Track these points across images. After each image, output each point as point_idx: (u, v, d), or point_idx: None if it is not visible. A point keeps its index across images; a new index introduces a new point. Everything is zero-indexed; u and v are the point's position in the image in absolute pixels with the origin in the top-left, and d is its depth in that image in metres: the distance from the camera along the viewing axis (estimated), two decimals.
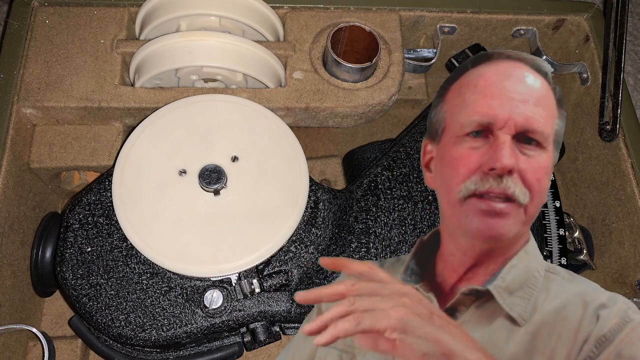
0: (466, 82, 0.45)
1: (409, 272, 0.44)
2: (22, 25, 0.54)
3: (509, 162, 0.41)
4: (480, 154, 0.42)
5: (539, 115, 0.42)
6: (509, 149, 0.41)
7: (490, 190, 0.41)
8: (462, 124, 0.43)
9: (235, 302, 0.44)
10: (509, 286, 0.40)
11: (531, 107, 0.42)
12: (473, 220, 0.42)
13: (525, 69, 0.45)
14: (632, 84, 0.80)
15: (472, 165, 0.42)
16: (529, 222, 0.42)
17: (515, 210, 0.41)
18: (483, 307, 0.40)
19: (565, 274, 0.42)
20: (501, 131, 0.42)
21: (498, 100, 0.43)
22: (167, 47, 0.51)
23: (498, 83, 0.44)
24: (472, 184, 0.42)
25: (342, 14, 0.58)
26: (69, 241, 0.46)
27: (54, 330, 0.55)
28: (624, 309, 0.38)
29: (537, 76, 0.44)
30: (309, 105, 0.53)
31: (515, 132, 0.42)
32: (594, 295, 0.40)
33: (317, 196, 0.49)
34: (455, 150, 0.43)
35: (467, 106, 0.44)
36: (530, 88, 0.43)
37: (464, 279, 0.42)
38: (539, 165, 0.42)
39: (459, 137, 0.43)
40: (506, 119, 0.42)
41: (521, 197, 0.41)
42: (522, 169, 0.41)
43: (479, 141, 0.42)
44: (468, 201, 0.42)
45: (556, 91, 0.45)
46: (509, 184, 0.41)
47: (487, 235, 0.41)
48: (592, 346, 0.37)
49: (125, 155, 0.47)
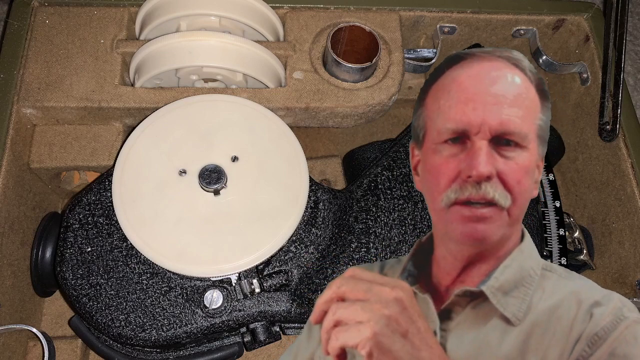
0: (442, 87, 0.45)
1: (406, 273, 0.44)
2: (22, 25, 0.54)
3: (485, 169, 0.41)
4: (458, 161, 0.42)
5: (514, 115, 0.42)
6: (485, 155, 0.41)
7: (470, 198, 0.41)
8: (439, 131, 0.43)
9: (235, 302, 0.44)
10: (503, 286, 0.40)
11: (506, 108, 0.42)
12: (457, 227, 0.42)
13: (500, 67, 0.44)
14: (632, 84, 0.80)
15: (451, 174, 0.42)
16: (515, 223, 0.42)
17: (497, 214, 0.41)
18: (478, 308, 0.40)
19: (562, 272, 0.42)
20: (477, 137, 0.41)
21: (471, 104, 0.42)
22: (167, 47, 0.51)
23: (471, 87, 0.43)
24: (452, 192, 0.42)
25: (342, 14, 0.58)
26: (69, 241, 0.46)
27: (54, 330, 0.55)
28: (619, 307, 0.38)
29: (514, 72, 0.44)
30: (309, 105, 0.53)
31: (491, 136, 0.41)
32: (589, 293, 0.40)
33: (317, 196, 0.49)
34: (435, 159, 0.43)
35: (442, 113, 0.44)
36: (505, 87, 0.43)
37: (458, 281, 0.42)
38: (519, 166, 0.42)
39: (437, 144, 0.43)
40: (480, 124, 0.41)
41: (502, 200, 0.41)
42: (501, 172, 0.41)
43: (457, 148, 0.42)
44: (451, 209, 0.42)
45: (538, 83, 0.44)
46: (488, 189, 0.41)
47: (471, 240, 0.42)
48: (584, 345, 0.37)
49: (125, 155, 0.47)
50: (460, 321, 0.40)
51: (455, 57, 0.46)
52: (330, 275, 0.47)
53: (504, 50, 0.46)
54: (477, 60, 0.45)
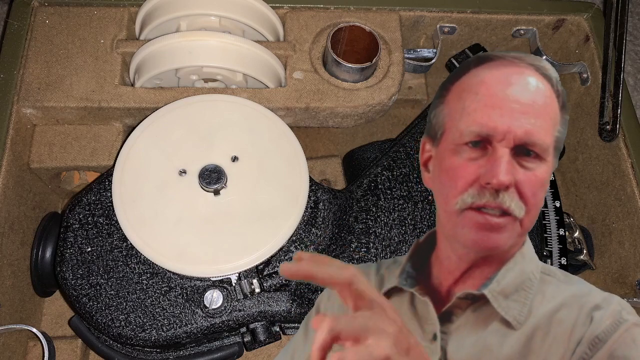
0: (467, 87, 0.44)
1: (405, 275, 0.43)
2: (22, 25, 0.54)
3: (505, 178, 0.40)
4: (477, 166, 0.41)
5: (539, 126, 0.41)
6: (507, 164, 0.40)
7: (486, 205, 0.41)
8: (461, 132, 0.43)
9: (235, 302, 0.44)
10: (504, 290, 0.40)
11: (532, 118, 0.41)
12: (469, 232, 0.41)
13: (529, 75, 0.43)
14: (632, 84, 0.80)
15: (469, 178, 0.41)
16: (525, 234, 0.42)
17: (511, 224, 0.41)
18: (479, 311, 0.40)
19: (561, 276, 0.42)
20: (500, 144, 0.41)
21: (498, 110, 0.41)
22: (167, 47, 0.51)
23: (499, 92, 0.42)
24: (469, 197, 0.41)
25: (342, 14, 0.58)
26: (69, 241, 0.46)
27: (54, 330, 0.55)
28: (618, 310, 0.38)
29: (541, 82, 0.43)
30: (309, 105, 0.53)
31: (514, 144, 0.41)
32: (589, 296, 0.40)
33: (317, 196, 0.49)
34: (454, 160, 0.43)
35: (467, 114, 0.43)
36: (532, 97, 0.42)
37: (460, 282, 0.42)
38: (537, 179, 0.41)
39: (458, 145, 0.43)
40: (505, 131, 0.41)
41: (517, 211, 0.41)
42: (519, 182, 0.41)
43: (477, 152, 0.42)
44: (465, 213, 0.41)
45: (560, 95, 0.44)
46: (505, 198, 0.41)
47: (482, 247, 0.41)
48: (585, 347, 0.37)
49: (125, 155, 0.47)
50: (460, 324, 0.40)
51: (483, 57, 0.45)
52: None
53: (534, 58, 0.45)
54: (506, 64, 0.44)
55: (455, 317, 0.40)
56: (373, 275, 0.45)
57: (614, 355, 0.36)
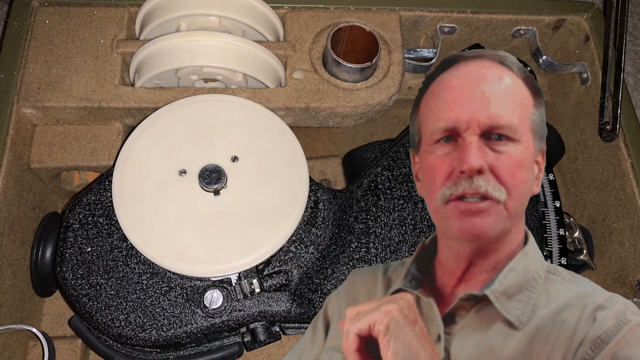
0: (432, 91, 0.46)
1: (410, 277, 0.44)
2: (22, 25, 0.54)
3: (476, 162, 0.41)
4: (450, 159, 0.43)
5: (503, 109, 0.43)
6: (475, 149, 0.42)
7: (464, 192, 0.42)
8: (431, 132, 0.45)
9: (235, 302, 0.44)
10: (507, 290, 0.40)
11: (494, 103, 0.43)
12: (454, 222, 0.42)
13: (486, 66, 0.45)
14: (632, 84, 0.80)
15: (445, 172, 0.43)
16: (514, 218, 0.42)
17: (494, 207, 0.42)
18: (482, 312, 0.40)
19: (566, 275, 0.42)
20: (466, 133, 0.42)
21: (459, 102, 0.43)
22: (167, 47, 0.51)
23: (458, 86, 0.44)
24: (447, 189, 0.43)
25: (342, 14, 0.58)
26: (69, 241, 0.46)
27: (54, 330, 0.54)
28: (622, 311, 0.38)
29: (500, 69, 0.45)
30: (309, 105, 0.53)
31: (481, 131, 0.42)
32: (593, 296, 0.39)
33: (317, 196, 0.49)
34: (430, 159, 0.45)
35: (433, 114, 0.45)
36: (492, 84, 0.44)
37: (462, 282, 0.42)
38: (512, 160, 0.42)
39: (431, 145, 0.45)
40: (468, 119, 0.42)
41: (496, 193, 0.41)
42: (493, 165, 0.42)
43: (449, 146, 0.43)
44: (447, 206, 0.43)
45: (528, 80, 0.45)
46: (480, 183, 0.41)
47: (469, 234, 0.42)
48: (587, 348, 0.37)
49: (125, 155, 0.47)
50: (464, 325, 0.40)
51: (444, 62, 0.48)
52: (330, 275, 0.47)
53: (491, 50, 0.47)
54: (464, 61, 0.46)
55: (459, 318, 0.40)
56: (380, 277, 0.45)
57: (617, 357, 0.36)
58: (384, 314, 0.39)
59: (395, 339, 0.38)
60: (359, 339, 0.40)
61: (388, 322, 0.39)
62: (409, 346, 0.38)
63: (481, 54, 0.46)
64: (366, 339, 0.40)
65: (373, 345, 0.40)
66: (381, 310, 0.40)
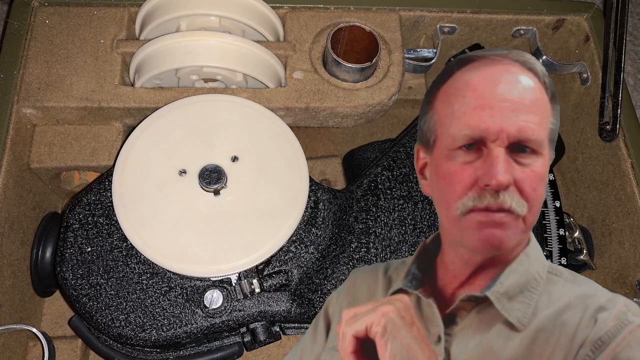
0: (454, 91, 0.44)
1: (410, 276, 0.43)
2: (22, 25, 0.54)
3: (504, 178, 0.40)
4: (474, 168, 0.41)
5: (532, 122, 0.41)
6: (503, 163, 0.40)
7: (488, 206, 0.41)
8: (453, 137, 0.42)
9: (235, 302, 0.44)
10: (508, 291, 0.40)
11: (523, 114, 0.41)
12: (474, 233, 0.41)
13: (515, 71, 0.43)
14: (632, 84, 0.80)
15: (467, 182, 0.41)
16: (529, 230, 0.42)
17: (514, 221, 0.41)
18: (483, 313, 0.40)
19: (568, 275, 0.41)
20: (494, 144, 0.41)
21: (488, 111, 0.41)
22: (167, 47, 0.51)
23: (487, 92, 0.42)
24: (469, 200, 0.41)
25: (342, 14, 0.58)
26: (69, 241, 0.46)
27: (54, 330, 0.54)
28: (623, 312, 0.38)
29: (528, 76, 0.43)
30: (309, 105, 0.53)
31: (509, 143, 0.41)
32: (594, 297, 0.39)
33: (317, 196, 0.49)
34: (449, 165, 0.42)
35: (457, 118, 0.42)
36: (521, 93, 0.42)
37: (465, 285, 0.42)
38: (535, 174, 0.41)
39: (451, 150, 0.42)
40: (498, 131, 0.40)
41: (519, 209, 0.40)
42: (518, 179, 0.40)
43: (472, 154, 0.41)
44: (467, 216, 0.41)
45: (549, 87, 0.43)
46: (506, 198, 0.40)
47: (488, 247, 0.41)
48: (588, 350, 0.36)
49: (125, 155, 0.47)
50: (464, 326, 0.40)
51: (465, 58, 0.45)
52: (330, 275, 0.47)
53: (517, 53, 0.45)
54: (490, 63, 0.44)
55: (459, 319, 0.40)
56: (381, 277, 0.45)
57: (618, 358, 0.35)
58: (381, 316, 0.39)
59: (393, 340, 0.38)
60: (355, 340, 0.40)
61: (385, 323, 0.39)
62: (407, 348, 0.38)
63: (506, 56, 0.44)
64: (363, 341, 0.40)
65: (370, 348, 0.39)
66: (378, 311, 0.40)
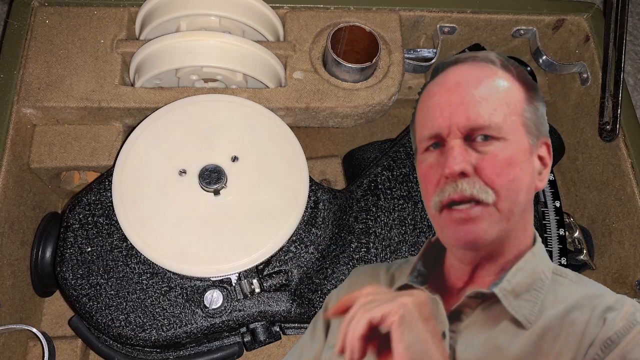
0: (421, 101, 0.48)
1: (416, 273, 0.44)
2: (22, 25, 0.54)
3: (457, 166, 0.41)
4: (437, 165, 0.43)
5: (483, 110, 0.43)
6: (457, 152, 0.42)
7: (450, 198, 0.42)
8: (420, 142, 0.46)
9: (235, 302, 0.44)
10: (515, 289, 0.40)
11: (473, 105, 0.43)
12: (450, 231, 0.43)
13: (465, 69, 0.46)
14: (632, 84, 0.80)
15: (433, 179, 0.44)
16: (509, 218, 0.42)
17: (485, 212, 0.41)
18: (489, 310, 0.40)
19: (572, 276, 0.42)
20: (450, 137, 0.43)
21: (439, 110, 0.44)
22: (167, 47, 0.51)
23: (437, 94, 0.45)
24: (437, 196, 0.43)
25: (342, 14, 0.58)
26: (69, 241, 0.46)
27: (54, 330, 0.55)
28: (632, 312, 0.38)
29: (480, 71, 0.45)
30: (309, 105, 0.53)
31: (462, 134, 0.42)
32: (602, 298, 0.39)
33: (317, 196, 0.49)
34: (421, 168, 0.46)
35: (420, 124, 0.46)
36: (472, 86, 0.44)
37: (470, 282, 0.42)
38: (496, 159, 0.42)
39: (422, 154, 0.46)
40: (448, 124, 0.43)
41: (483, 195, 0.41)
42: (478, 167, 0.42)
43: (437, 153, 0.44)
44: (442, 215, 0.43)
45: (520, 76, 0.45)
46: (464, 186, 0.41)
47: (464, 242, 0.42)
48: (597, 349, 0.37)
49: (125, 155, 0.47)
50: (470, 323, 0.40)
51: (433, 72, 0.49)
52: (330, 275, 0.47)
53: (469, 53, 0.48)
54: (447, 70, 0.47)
55: (464, 316, 0.40)
56: (383, 274, 0.45)
57: (627, 358, 0.36)
58: (399, 306, 0.39)
59: (409, 331, 0.38)
60: (369, 326, 0.40)
61: (403, 313, 0.39)
62: (422, 341, 0.38)
63: (460, 59, 0.47)
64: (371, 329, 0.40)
65: (376, 336, 0.39)
66: (397, 301, 0.40)
